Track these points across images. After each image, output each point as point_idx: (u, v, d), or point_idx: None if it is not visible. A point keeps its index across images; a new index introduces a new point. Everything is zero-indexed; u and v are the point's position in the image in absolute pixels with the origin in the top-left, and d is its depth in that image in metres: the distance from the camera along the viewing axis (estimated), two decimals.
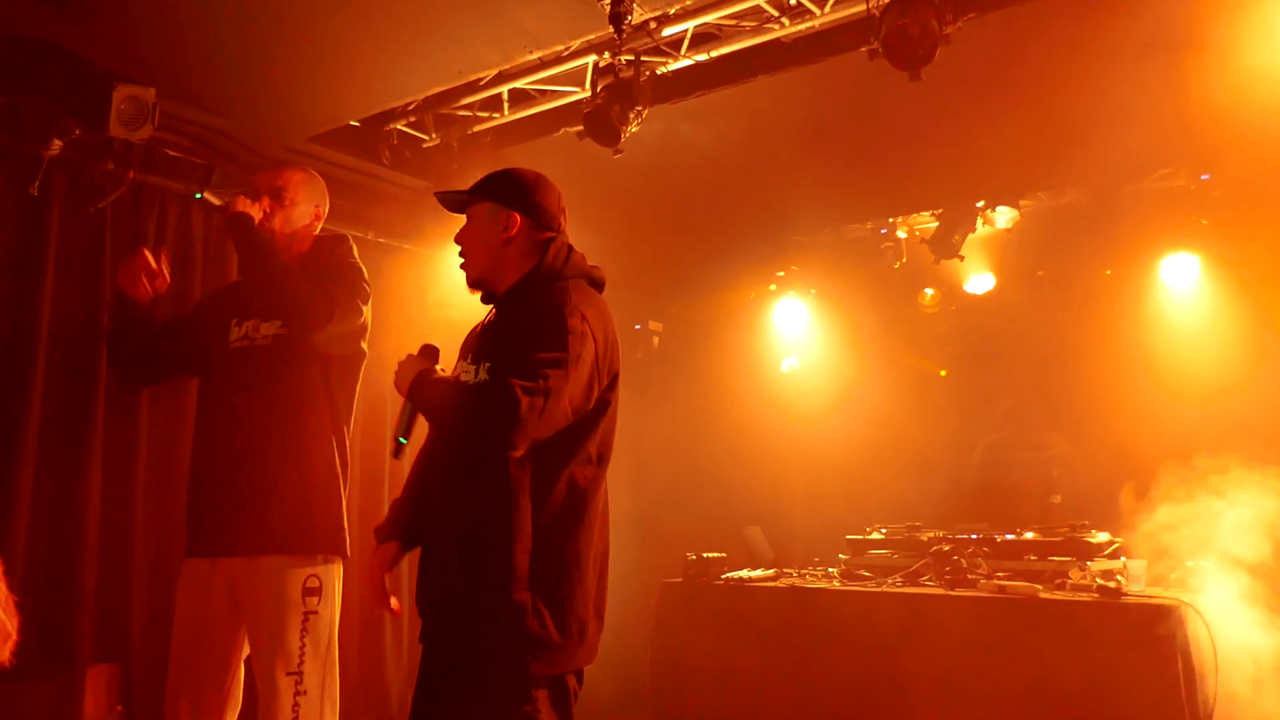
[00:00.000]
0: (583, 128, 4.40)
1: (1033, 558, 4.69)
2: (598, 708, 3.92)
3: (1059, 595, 4.37)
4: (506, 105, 4.91)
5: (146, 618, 4.20)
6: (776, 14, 4.07)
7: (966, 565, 4.74)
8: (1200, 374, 5.32)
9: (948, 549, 4.89)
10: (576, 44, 4.31)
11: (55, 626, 3.92)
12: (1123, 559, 4.51)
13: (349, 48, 4.09)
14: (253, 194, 2.98)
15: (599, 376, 2.23)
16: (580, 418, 2.21)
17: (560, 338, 2.14)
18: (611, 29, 3.71)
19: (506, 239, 2.35)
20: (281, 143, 4.77)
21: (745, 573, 5.38)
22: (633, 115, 4.28)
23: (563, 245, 2.37)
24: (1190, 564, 4.34)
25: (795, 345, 7.15)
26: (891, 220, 6.50)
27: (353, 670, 5.03)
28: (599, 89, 4.35)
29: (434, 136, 5.15)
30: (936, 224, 6.03)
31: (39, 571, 3.95)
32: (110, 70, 4.01)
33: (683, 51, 4.31)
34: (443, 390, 2.23)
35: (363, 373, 3.10)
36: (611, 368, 2.28)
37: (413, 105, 4.90)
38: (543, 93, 4.78)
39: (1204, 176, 5.53)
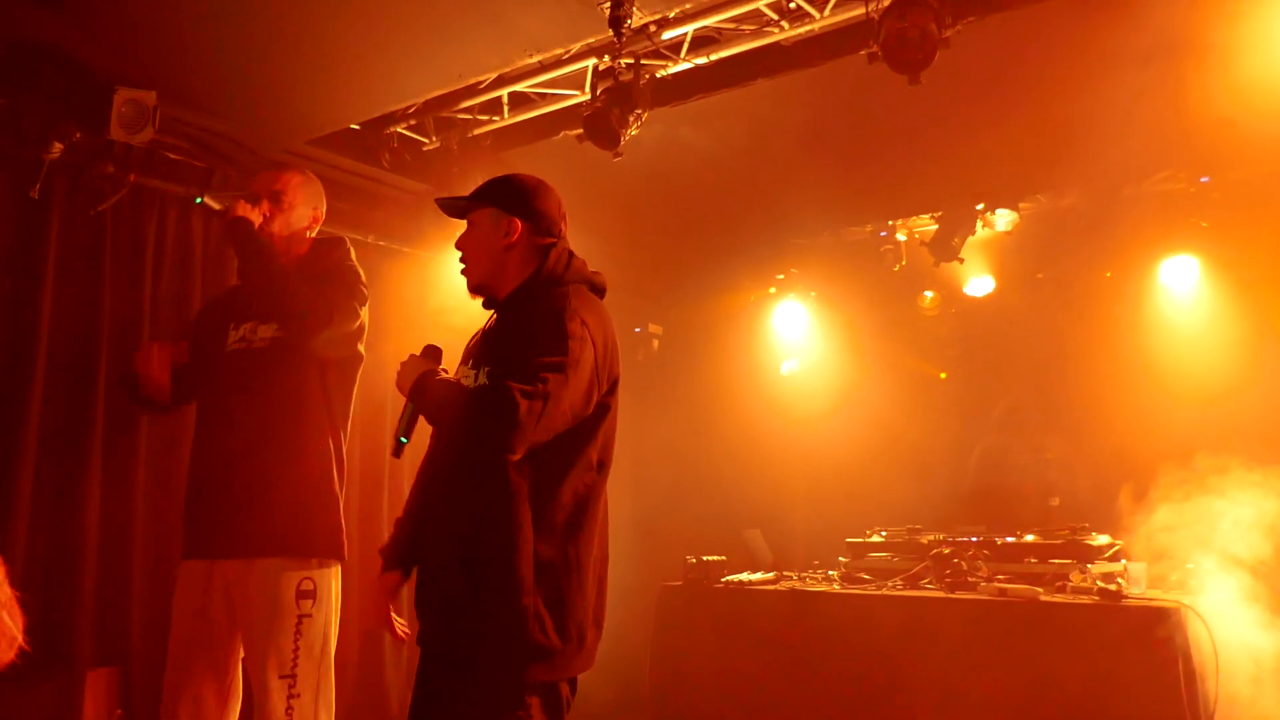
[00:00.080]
0: (582, 131, 4.39)
1: (1033, 560, 4.69)
2: (597, 711, 3.92)
3: (1060, 598, 4.37)
4: (506, 108, 4.91)
5: (146, 620, 4.21)
6: (776, 17, 4.07)
7: (967, 568, 4.74)
8: (1199, 376, 5.33)
9: (948, 552, 4.89)
10: (576, 47, 4.31)
11: (55, 628, 3.92)
12: (1123, 561, 4.50)
13: (349, 51, 4.09)
14: (252, 198, 2.98)
15: (599, 381, 2.23)
16: (580, 423, 2.21)
17: (560, 342, 2.14)
18: (611, 32, 3.71)
19: (507, 244, 2.35)
20: (282, 146, 4.77)
21: (745, 576, 5.37)
22: (632, 118, 4.27)
23: (563, 251, 2.38)
24: (1190, 565, 4.34)
25: (795, 348, 7.16)
26: (891, 223, 6.51)
27: (353, 671, 5.02)
28: (599, 92, 4.35)
29: (434, 139, 5.15)
30: (936, 227, 6.03)
31: (38, 573, 3.95)
32: (111, 73, 4.01)
33: (682, 55, 4.31)
34: (444, 391, 2.23)
35: (360, 375, 3.09)
36: (611, 373, 2.28)
37: (413, 108, 4.90)
38: (542, 96, 4.78)
39: (1203, 179, 5.54)
